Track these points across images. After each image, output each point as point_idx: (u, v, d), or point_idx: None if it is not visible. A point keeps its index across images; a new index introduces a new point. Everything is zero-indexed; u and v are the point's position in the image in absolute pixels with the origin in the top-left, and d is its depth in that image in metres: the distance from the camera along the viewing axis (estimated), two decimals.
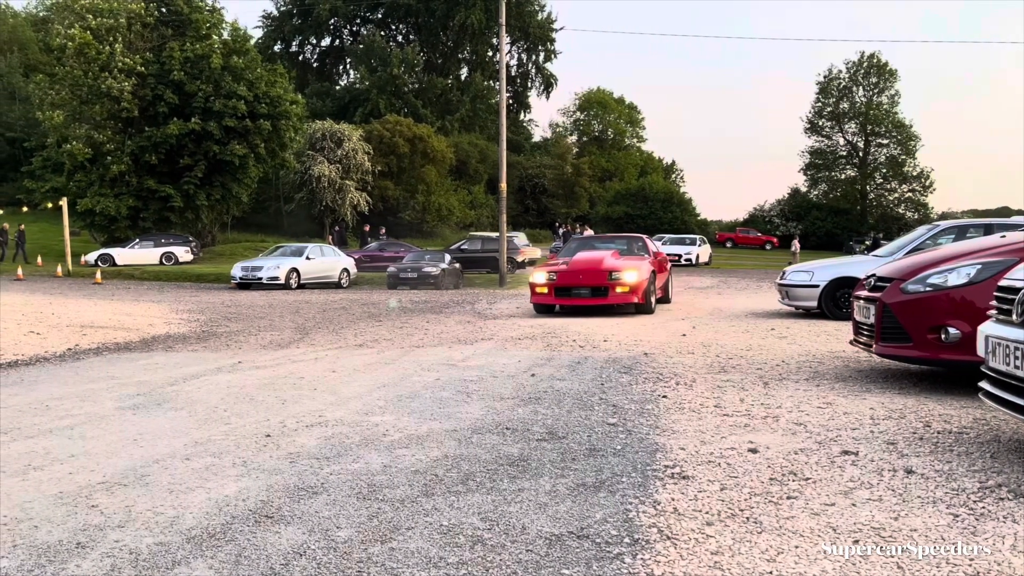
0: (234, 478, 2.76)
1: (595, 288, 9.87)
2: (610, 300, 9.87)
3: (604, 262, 10.10)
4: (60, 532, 2.21)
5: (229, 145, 27.89)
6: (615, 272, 9.82)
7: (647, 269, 10.21)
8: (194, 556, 2.04)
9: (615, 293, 9.76)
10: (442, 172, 39.98)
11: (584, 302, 9.97)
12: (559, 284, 10.02)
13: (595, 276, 9.91)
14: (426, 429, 3.54)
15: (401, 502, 2.50)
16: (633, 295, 9.77)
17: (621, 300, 9.87)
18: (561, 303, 10.23)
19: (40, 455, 3.06)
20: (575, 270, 10.08)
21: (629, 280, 9.74)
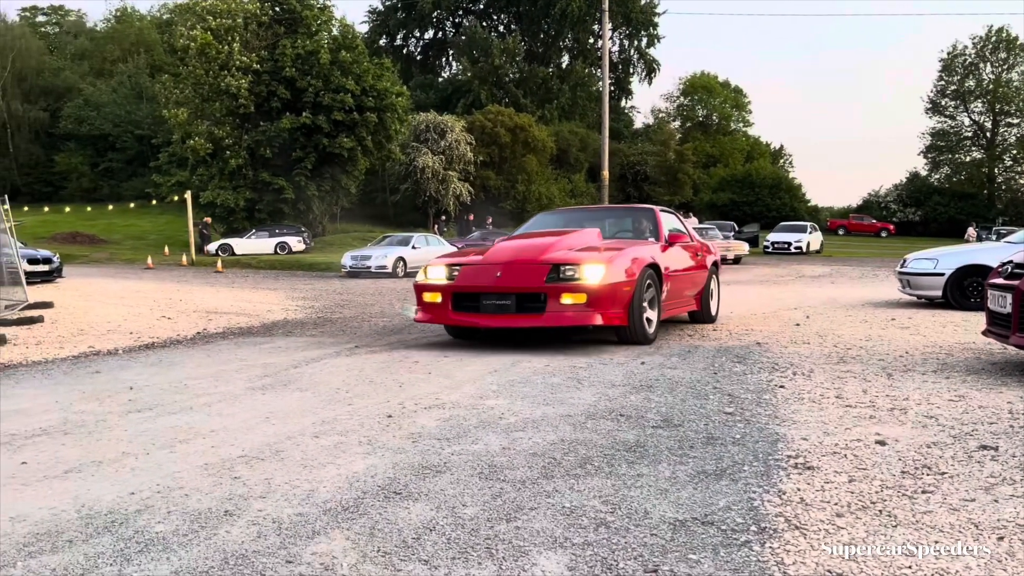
0: (361, 455, 2.88)
1: (524, 296, 5.60)
2: (551, 318, 5.53)
3: (550, 250, 5.95)
4: (208, 501, 2.36)
5: (338, 138, 28.83)
6: (566, 267, 5.63)
7: (640, 263, 5.89)
8: (331, 527, 2.15)
9: (560, 305, 5.51)
10: (543, 161, 40.05)
11: (501, 321, 5.65)
12: (459, 288, 5.81)
13: (525, 273, 5.68)
14: (540, 413, 3.58)
15: (522, 483, 2.54)
16: (594, 309, 5.52)
17: (573, 319, 5.53)
18: (463, 322, 5.86)
19: (183, 430, 3.28)
20: (492, 262, 5.91)
21: (590, 281, 5.51)
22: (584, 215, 8.03)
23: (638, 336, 5.87)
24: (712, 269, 7.85)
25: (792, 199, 44.37)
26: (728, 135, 54.42)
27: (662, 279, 6.26)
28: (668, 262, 6.55)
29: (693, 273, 7.23)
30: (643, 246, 6.43)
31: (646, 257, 6.08)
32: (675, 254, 6.88)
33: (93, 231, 30.95)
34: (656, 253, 6.39)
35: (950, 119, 49.80)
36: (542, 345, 6.05)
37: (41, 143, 46.21)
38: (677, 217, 7.79)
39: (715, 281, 8.02)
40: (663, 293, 6.33)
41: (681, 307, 7.11)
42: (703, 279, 7.51)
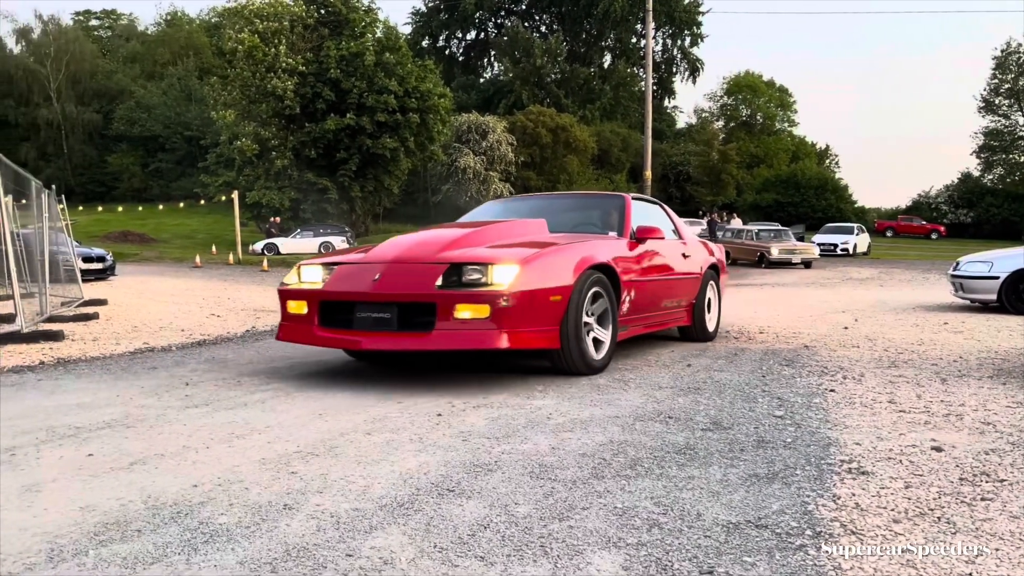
0: (413, 453, 2.92)
1: (407, 307, 4.16)
2: (439, 339, 4.04)
3: (455, 244, 4.54)
4: (268, 494, 2.42)
5: (381, 139, 29.13)
6: (470, 267, 4.16)
7: (583, 263, 4.48)
8: (388, 523, 2.19)
9: (455, 321, 4.04)
10: (584, 161, 39.98)
11: (378, 341, 4.17)
12: (328, 295, 4.39)
13: (411, 275, 4.25)
14: (588, 414, 3.60)
15: (573, 483, 2.56)
16: (502, 326, 4.03)
17: (469, 340, 4.04)
18: (331, 341, 4.36)
19: (240, 425, 3.36)
20: (373, 260, 4.51)
21: (497, 287, 4.05)
22: (538, 203, 6.47)
23: (575, 362, 4.41)
24: (709, 274, 6.55)
25: (838, 200, 43.61)
26: (773, 135, 53.71)
27: (619, 286, 4.86)
28: (632, 264, 5.14)
29: (677, 279, 5.87)
30: (595, 242, 4.88)
31: (593, 256, 4.58)
32: (647, 254, 5.42)
33: (143, 230, 31.73)
34: (616, 252, 4.96)
35: (1004, 118, 48.52)
36: None
37: (94, 144, 47.49)
38: (663, 209, 6.48)
39: (714, 289, 6.68)
40: (623, 304, 4.93)
41: (658, 321, 5.69)
42: (694, 287, 6.20)
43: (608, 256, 4.80)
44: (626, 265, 5.05)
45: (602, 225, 5.62)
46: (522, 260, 4.19)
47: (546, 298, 4.23)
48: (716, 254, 6.99)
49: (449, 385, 4.32)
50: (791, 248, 22.14)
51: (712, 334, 6.54)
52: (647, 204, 6.35)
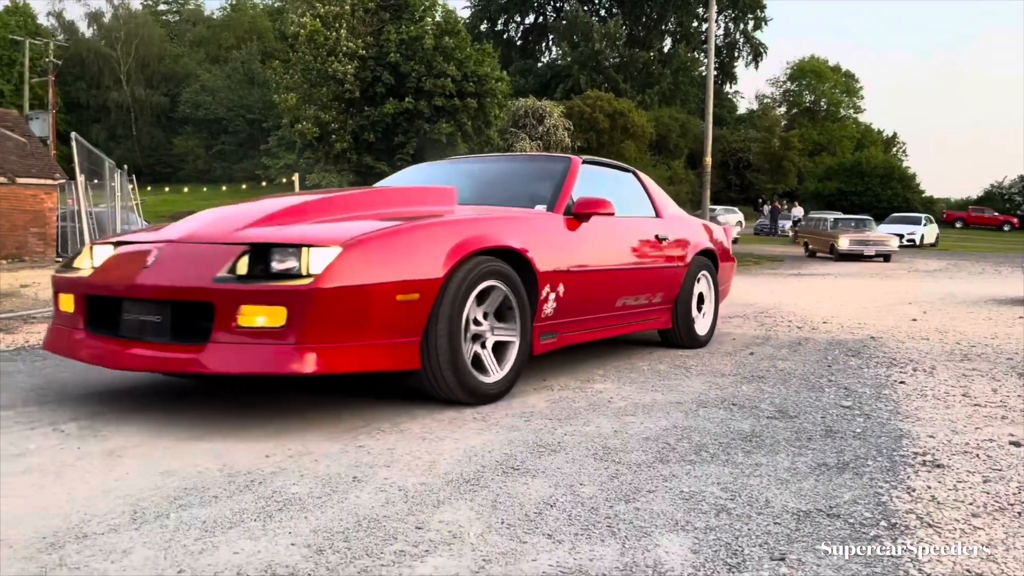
0: (476, 431, 2.95)
1: (181, 307, 2.85)
2: (214, 357, 2.72)
3: (263, 221, 3.18)
4: (337, 466, 2.47)
5: (438, 123, 29.23)
6: (276, 249, 2.83)
7: (462, 247, 3.19)
8: (455, 497, 2.21)
9: (238, 331, 2.71)
10: (641, 147, 39.55)
11: (140, 356, 2.90)
12: (94, 287, 3.15)
13: (190, 263, 2.96)
14: (650, 399, 3.57)
15: (638, 466, 2.55)
16: (305, 341, 2.70)
17: (253, 360, 2.71)
18: (94, 355, 3.05)
19: (307, 400, 3.43)
20: (154, 242, 3.17)
21: (304, 280, 2.72)
22: (467, 167, 5.11)
23: (449, 388, 3.17)
24: (699, 264, 5.18)
25: (905, 189, 42.30)
26: (837, 122, 52.31)
27: (536, 281, 3.60)
28: (564, 248, 3.87)
29: (644, 269, 4.59)
30: (502, 219, 3.67)
31: (484, 237, 3.30)
32: (592, 236, 4.08)
33: None
34: (537, 232, 3.74)
35: None
36: None
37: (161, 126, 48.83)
38: (637, 178, 5.09)
39: (708, 282, 5.36)
40: (544, 303, 3.68)
41: (614, 324, 4.42)
42: (674, 279, 4.88)
43: (518, 238, 3.52)
44: (553, 250, 3.76)
45: (532, 196, 4.17)
46: (349, 240, 2.83)
47: (389, 296, 2.91)
48: (716, 238, 5.66)
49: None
50: (863, 239, 19.62)
51: (704, 339, 5.25)
52: (610, 172, 4.96)
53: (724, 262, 5.75)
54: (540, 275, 3.63)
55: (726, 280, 5.91)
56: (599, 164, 4.91)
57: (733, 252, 6.26)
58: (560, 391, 3.72)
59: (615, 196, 4.46)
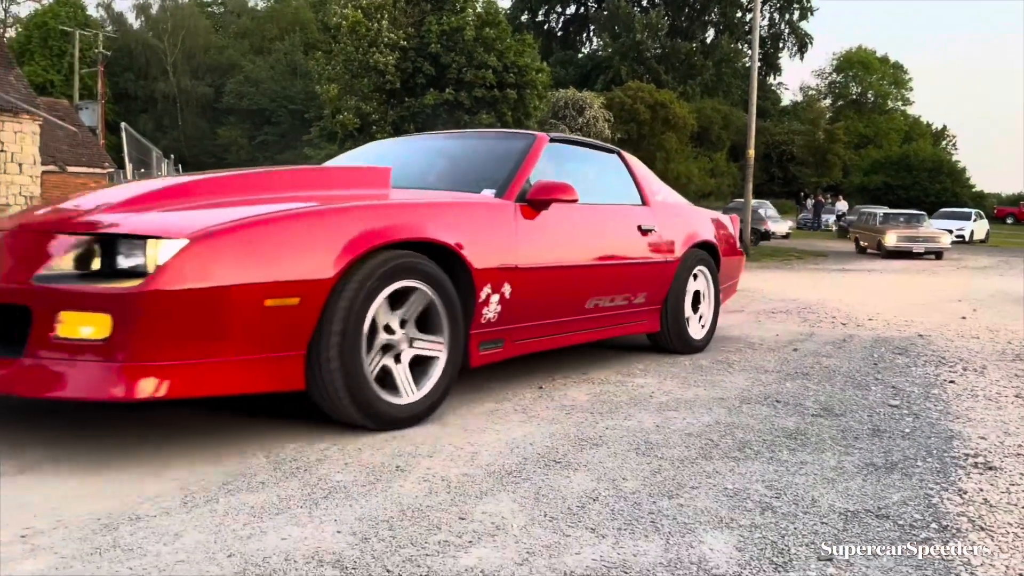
0: (517, 423, 2.95)
1: (3, 312, 2.32)
2: (26, 375, 2.23)
3: (124, 205, 2.57)
4: (380, 456, 2.49)
5: (478, 115, 29.24)
6: (122, 242, 2.27)
7: (359, 241, 2.59)
8: (498, 489, 2.22)
9: (55, 343, 2.20)
10: (682, 139, 39.15)
11: None
12: None
13: (14, 261, 2.40)
14: (692, 395, 3.54)
15: (681, 462, 2.53)
16: (131, 356, 2.18)
17: (71, 381, 2.19)
18: None
19: None
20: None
21: (138, 281, 2.19)
22: (422, 144, 4.49)
23: (344, 411, 2.63)
24: (695, 258, 4.59)
25: (954, 184, 41.26)
26: (884, 114, 51.20)
27: (472, 281, 3.02)
28: (513, 241, 3.25)
29: (620, 266, 4.01)
30: (428, 204, 3.03)
31: (396, 228, 2.74)
32: (550, 226, 3.48)
33: None
34: (475, 222, 3.14)
35: None
36: None
37: (206, 117, 49.63)
38: (621, 160, 4.50)
39: (706, 280, 4.79)
40: (484, 307, 3.11)
41: (584, 328, 3.84)
42: (661, 277, 4.30)
43: (448, 229, 2.93)
44: (497, 243, 3.17)
45: (483, 179, 3.54)
46: (198, 232, 2.28)
47: (255, 301, 2.36)
48: (719, 229, 5.10)
49: (548, 359, 4.33)
50: (912, 235, 18.49)
51: (700, 343, 4.68)
52: (587, 152, 4.39)
53: (728, 256, 5.17)
54: (477, 273, 3.02)
55: (731, 277, 5.35)
56: (574, 143, 4.35)
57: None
58: (601, 384, 3.70)
59: (593, 181, 4.19)
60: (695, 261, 4.62)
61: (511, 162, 3.62)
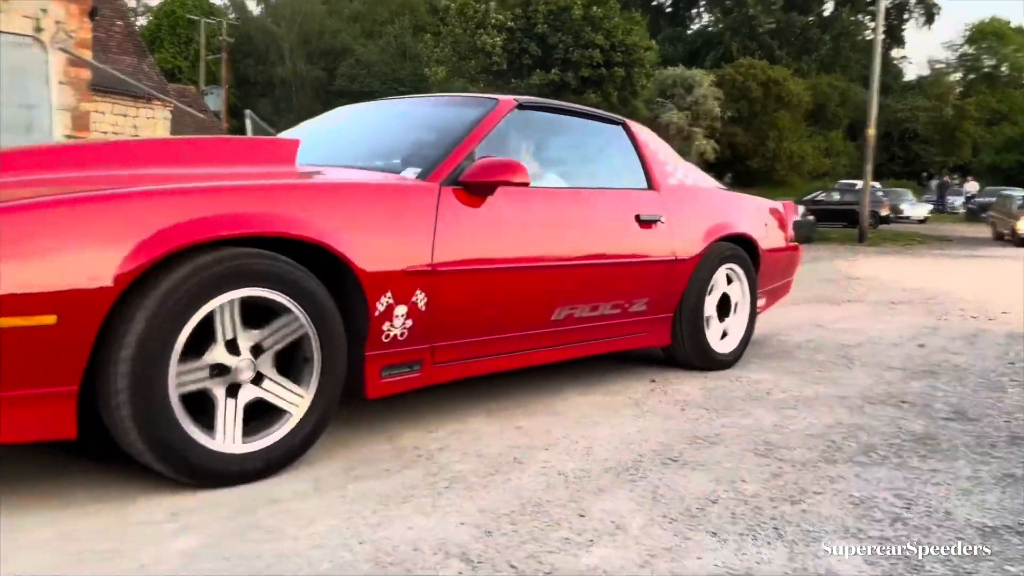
0: (631, 418, 2.94)
1: None
2: None
3: None
4: (497, 446, 2.55)
5: (584, 94, 29.01)
6: None
7: (160, 238, 1.90)
8: (615, 486, 2.23)
9: None
10: (796, 117, 37.66)
11: None
12: None
13: None
14: (811, 392, 3.44)
15: (803, 465, 2.47)
16: None
17: None
18: None
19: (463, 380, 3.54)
20: None
21: None
22: (366, 112, 3.82)
23: (135, 447, 1.98)
24: (719, 255, 3.76)
25: None
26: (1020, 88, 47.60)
27: (361, 289, 2.33)
28: (425, 237, 2.51)
29: (612, 268, 3.24)
30: (278, 187, 2.30)
31: (218, 219, 2.03)
32: (494, 217, 2.75)
33: None
34: (367, 209, 2.42)
35: None
36: (790, 314, 5.76)
37: (320, 100, 51.22)
38: (627, 134, 3.70)
39: (740, 281, 3.97)
40: (390, 324, 2.43)
41: (549, 346, 3.09)
42: (670, 279, 3.51)
43: (315, 222, 2.22)
44: (406, 239, 2.47)
45: (411, 155, 2.90)
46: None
47: None
48: (760, 220, 4.22)
49: (657, 351, 4.28)
50: None
51: (728, 358, 3.89)
52: (577, 123, 3.64)
53: (774, 252, 4.28)
54: (368, 278, 2.31)
55: (780, 275, 4.48)
56: (556, 111, 3.54)
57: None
58: (715, 379, 3.64)
59: (580, 159, 3.64)
60: (721, 258, 3.78)
61: (452, 135, 2.88)
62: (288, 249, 2.16)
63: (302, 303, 2.16)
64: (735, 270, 3.93)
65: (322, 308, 2.21)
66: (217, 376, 2.08)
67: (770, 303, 4.47)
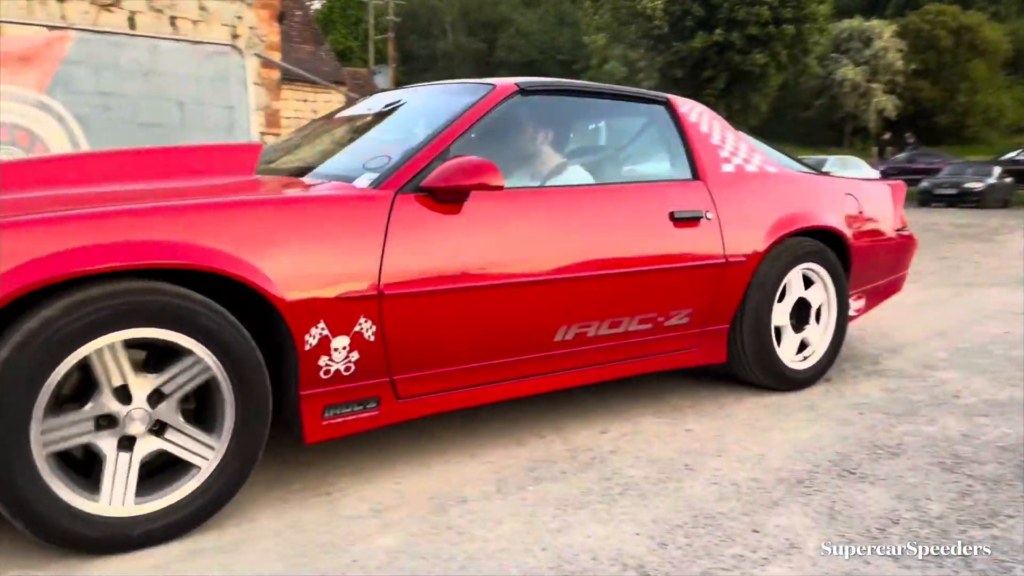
0: (805, 422, 2.90)
1: None
2: None
3: None
4: (668, 451, 2.60)
5: (750, 55, 27.82)
6: None
7: None
8: (789, 500, 2.23)
9: None
10: (993, 66, 34.21)
11: None
12: None
13: None
14: (1006, 396, 3.22)
15: (994, 483, 2.35)
16: None
17: None
18: None
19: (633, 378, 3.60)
20: None
21: None
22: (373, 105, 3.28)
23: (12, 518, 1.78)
24: (791, 257, 3.20)
25: None
26: None
27: (284, 320, 2.03)
28: (370, 253, 2.17)
29: (632, 277, 2.76)
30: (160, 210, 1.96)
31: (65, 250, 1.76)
32: (472, 223, 2.40)
33: None
34: (293, 225, 2.10)
35: None
36: (983, 298, 5.34)
37: (479, 72, 52.19)
38: (670, 115, 3.19)
39: (824, 284, 3.38)
40: (329, 359, 2.12)
41: (554, 371, 2.68)
42: (721, 286, 3.00)
43: (214, 250, 1.93)
44: (337, 259, 2.15)
45: (370, 160, 2.49)
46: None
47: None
48: (853, 208, 3.59)
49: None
50: None
51: (805, 375, 3.34)
52: (599, 105, 3.32)
53: (875, 244, 3.71)
54: (290, 308, 2.02)
55: (886, 272, 3.87)
56: (577, 93, 3.13)
57: None
58: (896, 378, 3.49)
59: (602, 150, 3.31)
60: (795, 257, 3.22)
61: (423, 133, 2.59)
62: (200, 278, 1.93)
63: (205, 342, 1.89)
64: (815, 270, 3.33)
65: (231, 347, 1.93)
66: (105, 428, 1.86)
67: (871, 304, 3.87)
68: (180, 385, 1.91)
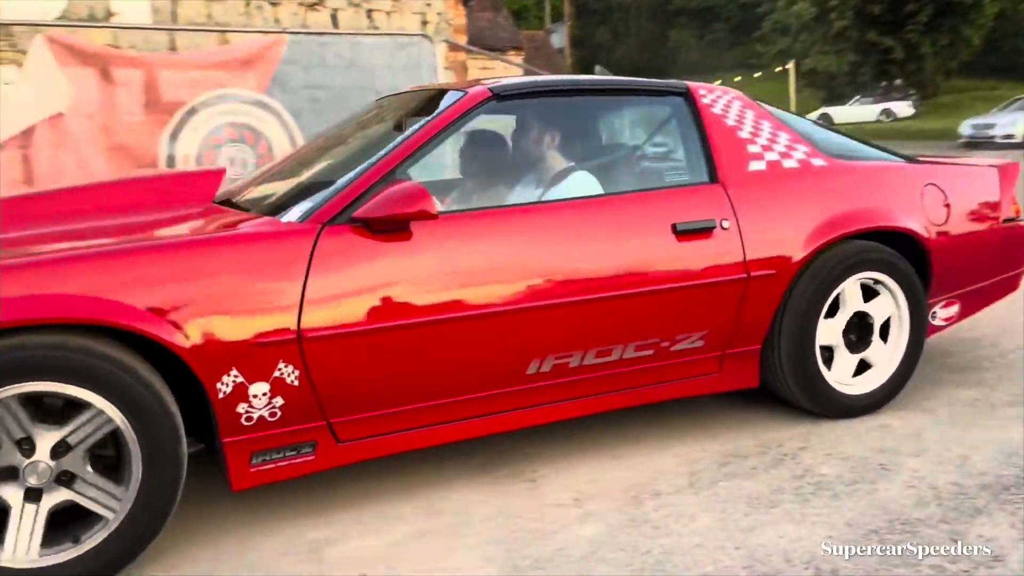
0: (1015, 421, 2.77)
1: None
2: None
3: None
4: (861, 449, 2.59)
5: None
6: None
7: None
8: (993, 507, 2.19)
9: None
10: None
11: None
12: None
13: None
14: None
15: None
16: None
17: None
18: None
19: None
20: None
21: None
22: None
23: None
24: (842, 267, 2.72)
25: None
26: None
27: (192, 372, 2.01)
28: (288, 294, 2.08)
29: (612, 302, 2.44)
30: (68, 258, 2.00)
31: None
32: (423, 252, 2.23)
33: None
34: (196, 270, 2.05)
35: None
36: None
37: (656, 20, 50.79)
38: (690, 107, 2.80)
39: (892, 297, 2.87)
40: (248, 405, 2.05)
41: (520, 407, 2.47)
42: (752, 299, 2.64)
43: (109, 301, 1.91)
44: (249, 302, 2.05)
45: (309, 187, 2.53)
46: None
47: None
48: (935, 200, 2.98)
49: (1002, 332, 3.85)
50: None
51: (863, 400, 2.89)
52: (591, 104, 3.03)
53: (966, 242, 3.09)
54: (195, 356, 1.98)
55: (987, 272, 3.24)
56: (575, 92, 2.91)
57: None
58: None
59: (595, 156, 2.95)
60: (848, 265, 2.75)
61: (365, 157, 2.42)
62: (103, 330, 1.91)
63: (104, 394, 1.88)
64: (879, 279, 2.83)
65: (134, 398, 1.90)
66: (7, 480, 1.87)
67: (971, 310, 3.28)
68: (84, 437, 1.90)
